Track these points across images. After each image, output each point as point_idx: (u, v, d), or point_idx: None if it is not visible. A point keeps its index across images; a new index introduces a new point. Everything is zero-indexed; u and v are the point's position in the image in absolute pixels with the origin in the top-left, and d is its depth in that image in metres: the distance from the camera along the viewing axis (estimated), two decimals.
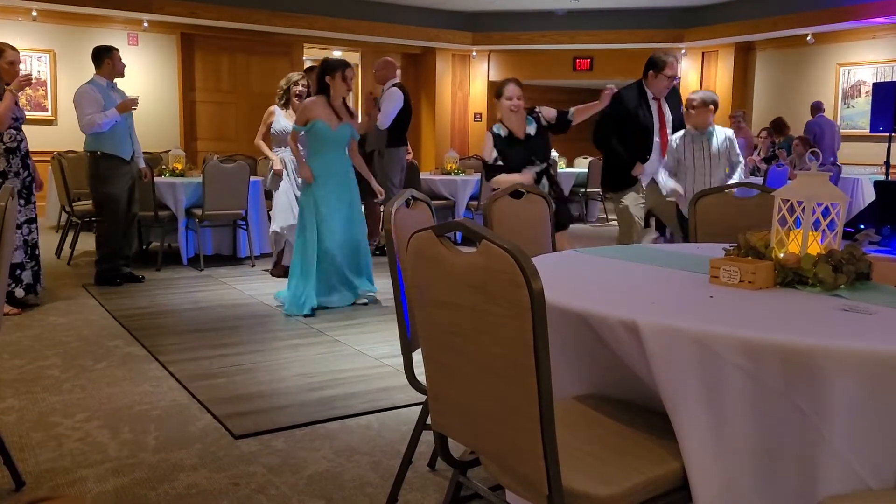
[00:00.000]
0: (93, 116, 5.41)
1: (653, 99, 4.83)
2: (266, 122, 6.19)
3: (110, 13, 10.04)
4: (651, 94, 4.81)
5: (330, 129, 4.88)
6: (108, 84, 5.62)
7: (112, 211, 5.62)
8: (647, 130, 4.80)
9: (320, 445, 2.87)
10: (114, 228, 5.67)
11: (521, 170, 4.20)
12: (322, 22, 11.21)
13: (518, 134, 4.23)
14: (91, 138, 5.53)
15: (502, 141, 4.22)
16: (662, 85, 4.77)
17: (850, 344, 1.44)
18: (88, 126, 5.44)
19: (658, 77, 4.74)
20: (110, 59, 5.60)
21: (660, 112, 4.85)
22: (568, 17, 12.13)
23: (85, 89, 5.51)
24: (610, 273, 2.22)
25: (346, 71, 4.92)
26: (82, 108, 5.44)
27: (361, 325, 4.67)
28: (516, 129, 4.23)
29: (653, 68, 4.77)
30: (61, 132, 10.01)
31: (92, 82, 5.57)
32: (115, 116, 5.47)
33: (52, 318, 4.75)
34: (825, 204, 1.99)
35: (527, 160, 4.23)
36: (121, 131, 5.56)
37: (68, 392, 3.41)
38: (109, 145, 5.52)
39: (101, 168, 5.55)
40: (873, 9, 9.56)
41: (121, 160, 5.58)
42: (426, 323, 1.67)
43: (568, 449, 1.56)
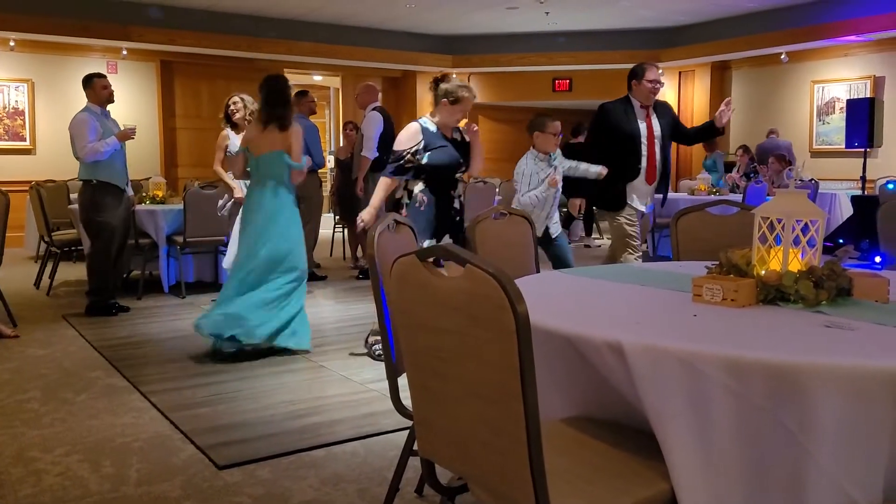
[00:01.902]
0: (95, 144, 5.36)
1: (640, 108, 4.80)
2: (222, 147, 6.00)
3: (89, 42, 10.03)
4: (638, 104, 4.79)
5: (251, 154, 4.56)
6: (102, 112, 5.60)
7: (106, 240, 5.57)
8: (633, 139, 4.76)
9: (306, 474, 2.83)
10: (106, 258, 5.61)
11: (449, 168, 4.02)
12: (302, 47, 11.26)
13: (445, 133, 4.10)
14: (87, 167, 5.47)
15: (431, 135, 4.02)
16: (647, 90, 4.74)
17: (833, 360, 1.44)
18: (91, 154, 5.37)
19: (641, 84, 4.73)
20: (91, 87, 5.56)
21: (647, 121, 4.81)
22: (546, 39, 12.27)
23: (82, 117, 5.46)
24: (593, 293, 2.22)
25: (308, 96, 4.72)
26: (83, 135, 5.37)
27: (346, 351, 4.64)
28: (444, 129, 4.10)
29: (634, 77, 4.78)
30: (39, 162, 9.96)
31: (87, 110, 5.53)
32: (115, 144, 5.44)
33: (32, 350, 4.68)
34: (804, 221, 2.01)
35: (456, 159, 4.05)
36: (118, 160, 5.55)
37: (48, 426, 3.35)
38: (107, 174, 5.49)
39: (97, 197, 5.50)
40: (845, 27, 9.75)
41: (116, 188, 5.55)
42: (411, 347, 1.66)
43: (556, 472, 1.55)
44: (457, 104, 4.02)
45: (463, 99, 4.01)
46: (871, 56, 10.28)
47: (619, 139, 4.76)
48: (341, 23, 11.47)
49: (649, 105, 4.81)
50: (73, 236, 6.79)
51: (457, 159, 4.09)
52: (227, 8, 10.40)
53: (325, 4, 10.25)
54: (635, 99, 4.79)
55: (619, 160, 4.78)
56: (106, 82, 5.64)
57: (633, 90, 4.80)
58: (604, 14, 10.96)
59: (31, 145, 10.05)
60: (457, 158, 4.09)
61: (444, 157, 4.03)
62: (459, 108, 4.03)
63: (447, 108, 4.03)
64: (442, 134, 4.07)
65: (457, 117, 4.08)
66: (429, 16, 11.08)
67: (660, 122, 4.86)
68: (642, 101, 4.78)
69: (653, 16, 11.11)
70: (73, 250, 7.19)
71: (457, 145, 4.11)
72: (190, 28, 10.38)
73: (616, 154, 4.79)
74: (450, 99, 4.01)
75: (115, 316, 5.63)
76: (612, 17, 11.16)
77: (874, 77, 10.20)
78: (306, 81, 13.30)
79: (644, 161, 4.79)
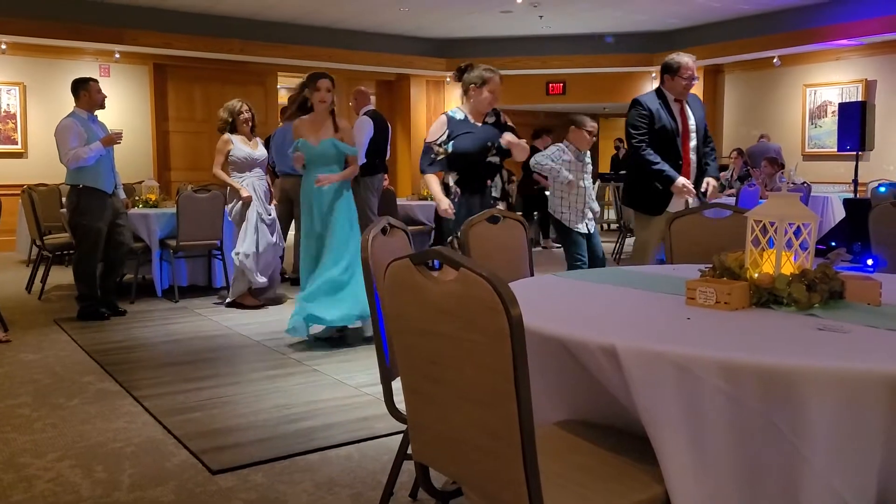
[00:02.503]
0: (77, 151, 5.33)
1: (674, 101, 4.54)
2: (223, 152, 5.96)
3: (81, 45, 10.00)
4: (672, 97, 4.53)
5: (311, 145, 4.73)
6: (90, 116, 5.57)
7: (91, 245, 5.53)
8: (669, 134, 4.49)
9: (300, 478, 2.82)
10: (92, 262, 5.58)
11: (476, 153, 4.02)
12: (296, 50, 11.25)
13: (476, 120, 4.09)
14: (73, 172, 5.44)
15: (457, 123, 4.05)
16: (682, 86, 4.49)
17: (826, 363, 1.44)
18: (74, 160, 5.34)
19: (675, 80, 4.49)
20: (87, 91, 5.54)
21: (682, 115, 4.55)
22: (539, 43, 12.29)
23: (66, 123, 5.43)
24: (587, 297, 2.22)
25: (318, 82, 4.73)
26: (66, 142, 5.35)
27: (340, 355, 4.63)
28: (474, 116, 4.09)
29: (668, 72, 4.52)
30: (31, 165, 9.92)
31: (73, 115, 5.51)
32: (99, 150, 5.41)
33: (23, 355, 4.66)
34: (797, 224, 2.02)
35: (483, 144, 4.03)
36: (104, 165, 5.51)
37: (40, 431, 3.33)
38: (92, 179, 5.46)
39: (82, 201, 5.47)
40: (837, 31, 9.80)
41: (103, 193, 5.53)
42: (405, 351, 1.66)
43: (550, 476, 1.55)
44: (484, 85, 4.04)
45: (489, 79, 4.04)
46: (863, 60, 10.34)
47: (657, 134, 4.48)
48: (335, 26, 11.47)
49: (683, 99, 4.57)
50: (65, 240, 6.77)
51: (483, 143, 4.03)
52: (220, 11, 10.39)
53: (319, 8, 10.25)
54: (669, 92, 4.54)
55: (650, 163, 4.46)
56: (99, 86, 5.63)
57: (667, 83, 4.54)
58: (597, 17, 10.99)
59: (23, 149, 10.02)
60: (483, 142, 4.03)
61: (467, 143, 4.01)
62: (487, 89, 4.04)
63: (476, 92, 4.06)
64: (472, 121, 4.07)
65: (487, 99, 4.06)
66: (423, 19, 11.09)
67: (694, 117, 4.61)
68: (677, 95, 4.53)
69: (646, 19, 11.15)
70: (65, 254, 7.16)
71: (492, 129, 4.08)
72: (183, 31, 10.36)
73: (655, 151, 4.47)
74: (476, 83, 4.05)
75: (108, 320, 5.61)
76: (605, 20, 11.19)
77: (866, 81, 10.25)
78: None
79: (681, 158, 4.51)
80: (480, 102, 4.08)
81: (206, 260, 6.87)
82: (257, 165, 6.10)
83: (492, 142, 4.05)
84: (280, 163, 7.24)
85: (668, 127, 4.49)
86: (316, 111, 4.79)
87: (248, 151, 6.02)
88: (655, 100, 4.53)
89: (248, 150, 6.03)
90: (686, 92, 4.55)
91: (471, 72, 4.11)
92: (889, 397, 1.40)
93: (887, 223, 3.50)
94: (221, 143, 5.99)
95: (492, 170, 4.10)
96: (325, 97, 4.74)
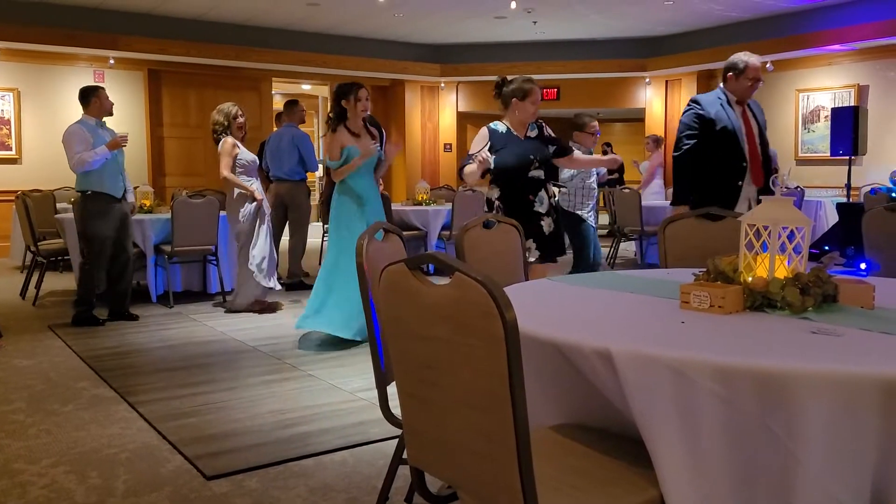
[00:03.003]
0: (82, 155, 5.38)
1: (736, 103, 4.25)
2: (232, 155, 5.90)
3: (76, 51, 9.99)
4: (734, 99, 4.24)
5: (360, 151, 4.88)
6: (97, 122, 5.64)
7: (97, 250, 5.56)
8: (733, 135, 4.16)
9: (295, 484, 2.82)
10: (96, 268, 5.60)
11: (516, 167, 3.97)
12: (290, 56, 11.26)
13: (518, 133, 4.08)
14: (81, 178, 5.52)
15: (499, 136, 4.03)
16: (746, 87, 4.21)
17: (820, 366, 1.45)
18: (79, 165, 5.41)
19: (739, 80, 4.20)
20: (97, 97, 5.63)
21: (745, 118, 4.25)
22: (533, 48, 12.33)
23: (73, 129, 5.51)
24: (582, 301, 2.23)
25: (359, 92, 4.90)
26: (72, 147, 5.43)
27: (335, 359, 4.62)
28: (517, 129, 4.09)
29: (733, 70, 4.22)
30: (26, 171, 9.90)
31: (80, 122, 5.59)
32: (105, 154, 5.46)
33: (17, 361, 4.64)
34: (790, 228, 2.03)
35: (525, 158, 3.99)
36: (112, 169, 5.56)
37: (34, 437, 3.32)
38: (99, 183, 5.51)
39: (90, 206, 5.52)
40: (829, 36, 9.85)
41: (111, 198, 5.57)
42: (400, 356, 1.66)
43: (545, 480, 1.55)
44: (527, 97, 4.07)
45: (530, 90, 4.07)
46: (855, 65, 10.38)
47: (718, 135, 4.16)
48: (329, 32, 11.48)
49: (746, 102, 4.29)
50: (59, 246, 6.75)
51: (525, 157, 4.01)
52: (215, 17, 10.39)
53: (314, 14, 10.25)
54: (731, 93, 4.25)
55: (721, 160, 4.17)
56: (107, 94, 5.73)
57: (729, 83, 4.24)
58: (591, 23, 11.02)
59: (17, 154, 9.99)
60: (525, 156, 4.01)
61: (509, 158, 3.99)
62: (530, 101, 4.07)
63: (519, 105, 4.07)
64: (514, 134, 4.08)
65: (531, 111, 4.08)
66: (417, 25, 11.11)
67: (757, 121, 4.34)
68: (739, 97, 4.24)
69: (639, 25, 11.19)
70: (60, 260, 7.13)
71: (535, 143, 4.09)
72: (178, 37, 10.36)
73: (716, 153, 4.18)
74: (518, 95, 4.06)
75: (102, 326, 5.59)
76: (599, 26, 11.23)
77: (858, 86, 10.30)
78: (294, 90, 13.30)
79: (748, 160, 4.19)
80: (524, 114, 4.08)
81: (201, 265, 6.85)
82: (254, 171, 6.13)
83: (534, 155, 4.02)
84: (275, 168, 7.25)
85: (730, 128, 4.16)
86: (357, 119, 4.95)
87: (251, 157, 6.06)
88: (716, 100, 4.24)
89: (251, 156, 6.05)
90: (749, 94, 4.27)
91: (510, 85, 4.12)
92: (883, 400, 1.41)
93: (880, 227, 3.52)
94: (229, 146, 5.91)
95: (535, 185, 4.04)
96: (367, 106, 4.96)
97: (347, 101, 4.89)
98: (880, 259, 3.46)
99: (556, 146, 4.22)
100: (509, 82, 4.14)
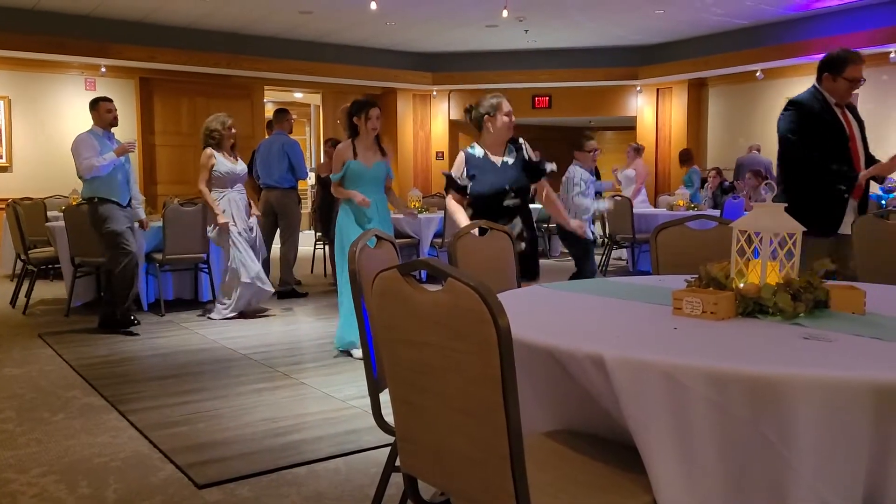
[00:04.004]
0: (91, 160, 5.47)
1: (835, 105, 3.95)
2: (208, 167, 6.00)
3: (67, 59, 9.96)
4: (832, 100, 3.95)
5: (365, 167, 4.93)
6: (105, 133, 5.72)
7: (122, 246, 5.60)
8: (836, 138, 3.84)
9: (287, 492, 2.81)
10: (131, 264, 5.63)
11: (490, 196, 3.79)
12: (282, 64, 11.27)
13: (494, 158, 3.86)
14: (87, 186, 5.60)
15: (476, 160, 3.84)
16: (844, 89, 3.90)
17: (812, 371, 1.45)
18: (87, 170, 5.49)
19: (838, 81, 3.89)
20: (96, 111, 5.73)
21: (845, 119, 3.96)
22: (525, 57, 12.37)
23: (82, 136, 5.62)
24: (575, 307, 2.23)
25: (370, 111, 4.95)
26: (80, 153, 5.53)
27: (327, 367, 4.61)
28: (493, 152, 3.86)
29: (830, 69, 3.92)
30: (16, 179, 9.86)
31: (90, 131, 5.69)
32: (113, 160, 5.56)
33: (7, 370, 4.61)
34: (782, 234, 2.04)
35: (500, 190, 3.78)
36: (118, 177, 5.63)
37: (24, 446, 3.29)
38: (105, 190, 5.58)
39: (100, 210, 5.58)
40: (817, 45, 9.93)
41: (117, 205, 5.62)
42: (393, 362, 1.66)
43: (539, 486, 1.55)
44: (497, 112, 3.83)
45: (498, 105, 3.83)
46: None
47: (822, 140, 3.86)
48: (321, 40, 11.49)
49: (844, 104, 4.00)
50: (49, 254, 6.71)
51: (499, 187, 3.78)
52: (206, 25, 10.39)
53: (306, 22, 10.27)
54: (829, 94, 3.95)
55: (827, 167, 3.85)
56: (111, 106, 5.77)
57: (826, 84, 3.94)
58: (582, 32, 11.08)
59: (8, 163, 9.95)
60: (501, 186, 3.78)
61: (482, 187, 3.80)
62: (502, 113, 3.83)
63: (491, 123, 3.83)
64: (491, 158, 3.85)
65: (506, 124, 3.84)
66: (409, 33, 11.14)
67: (856, 123, 4.05)
68: (838, 98, 3.94)
69: (631, 34, 11.25)
70: (50, 269, 7.10)
71: (510, 170, 3.83)
72: (169, 45, 10.36)
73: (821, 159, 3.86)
74: (490, 112, 3.84)
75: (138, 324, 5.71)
76: (590, 34, 11.28)
77: None
78: (286, 99, 13.31)
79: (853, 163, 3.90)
80: (500, 131, 3.85)
81: (192, 273, 6.83)
82: (238, 181, 6.19)
83: (509, 185, 3.79)
84: (265, 176, 7.24)
85: (834, 130, 3.89)
86: (367, 136, 4.99)
87: (231, 167, 6.11)
88: (815, 101, 3.95)
89: (230, 166, 6.11)
90: (848, 96, 3.97)
91: (477, 108, 3.90)
92: (874, 404, 1.42)
93: (869, 234, 3.53)
94: (205, 158, 6.06)
95: (509, 212, 3.83)
96: (377, 124, 4.99)
97: (359, 118, 4.96)
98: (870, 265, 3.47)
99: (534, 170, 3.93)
100: (476, 106, 3.92)
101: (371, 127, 4.95)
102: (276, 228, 7.37)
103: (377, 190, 5.02)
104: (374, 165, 4.98)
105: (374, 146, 5.03)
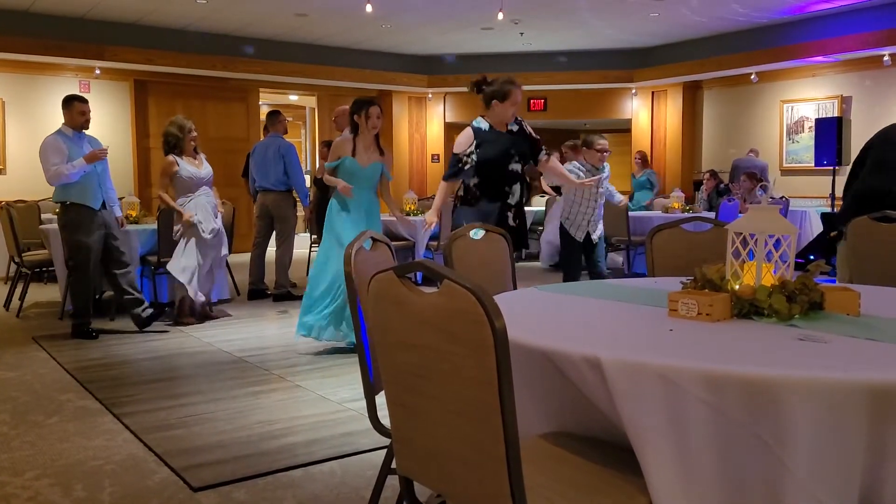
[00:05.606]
0: (59, 168, 5.25)
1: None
2: (169, 174, 5.92)
3: (61, 61, 9.94)
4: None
5: (359, 166, 4.97)
6: (76, 134, 5.48)
7: (83, 260, 5.45)
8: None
9: (283, 495, 2.80)
10: (86, 278, 5.51)
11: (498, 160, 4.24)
12: (277, 67, 11.26)
13: (500, 128, 4.31)
14: (59, 189, 5.40)
15: (482, 133, 4.27)
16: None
17: (807, 373, 1.46)
18: (55, 178, 5.28)
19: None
20: (68, 110, 5.49)
21: None
22: (520, 59, 12.39)
23: (49, 140, 5.37)
24: (571, 309, 2.23)
25: (370, 109, 4.99)
26: (47, 159, 5.29)
27: (323, 370, 4.61)
28: (498, 126, 4.31)
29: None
30: (11, 182, 9.82)
31: (58, 132, 5.46)
32: (82, 167, 5.31)
33: (1, 373, 4.59)
34: (776, 236, 2.04)
35: (506, 153, 4.27)
36: (91, 181, 5.42)
37: (17, 449, 3.28)
38: (77, 195, 5.39)
39: (71, 216, 5.42)
40: (813, 48, 9.97)
41: (89, 209, 5.44)
42: (389, 365, 1.65)
43: (535, 488, 1.55)
44: (507, 99, 4.26)
45: (510, 93, 4.25)
46: (839, 76, 10.50)
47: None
48: (317, 43, 11.49)
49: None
50: (43, 257, 6.69)
51: (506, 151, 4.27)
52: (202, 27, 10.38)
53: (302, 25, 10.27)
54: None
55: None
56: (84, 108, 5.52)
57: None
58: (577, 35, 11.09)
59: (2, 165, 9.91)
60: (507, 150, 4.27)
61: (490, 151, 4.23)
62: (510, 102, 4.26)
63: (500, 106, 4.28)
64: (496, 130, 4.29)
65: (510, 111, 4.29)
66: (405, 36, 11.14)
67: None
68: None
69: (626, 37, 11.27)
70: (44, 271, 7.07)
71: (514, 138, 4.32)
72: (164, 47, 10.34)
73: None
74: (499, 98, 4.26)
75: (96, 339, 5.51)
76: (585, 37, 11.30)
77: (841, 97, 10.41)
78: (282, 101, 13.29)
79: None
80: (504, 114, 4.29)
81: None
82: (204, 184, 6.05)
83: (514, 149, 4.28)
84: (261, 179, 7.22)
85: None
86: (367, 135, 5.04)
87: (194, 171, 5.98)
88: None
89: (193, 170, 5.97)
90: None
91: (490, 85, 4.30)
92: (869, 406, 1.42)
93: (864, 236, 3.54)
94: (167, 165, 5.92)
95: (513, 177, 4.31)
96: (377, 123, 5.03)
97: (359, 116, 5.00)
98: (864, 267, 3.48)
99: (534, 144, 4.43)
100: (490, 83, 4.31)
101: (371, 125, 4.99)
102: (272, 231, 7.36)
103: (368, 188, 5.06)
104: (369, 166, 5.01)
105: (374, 145, 5.06)
